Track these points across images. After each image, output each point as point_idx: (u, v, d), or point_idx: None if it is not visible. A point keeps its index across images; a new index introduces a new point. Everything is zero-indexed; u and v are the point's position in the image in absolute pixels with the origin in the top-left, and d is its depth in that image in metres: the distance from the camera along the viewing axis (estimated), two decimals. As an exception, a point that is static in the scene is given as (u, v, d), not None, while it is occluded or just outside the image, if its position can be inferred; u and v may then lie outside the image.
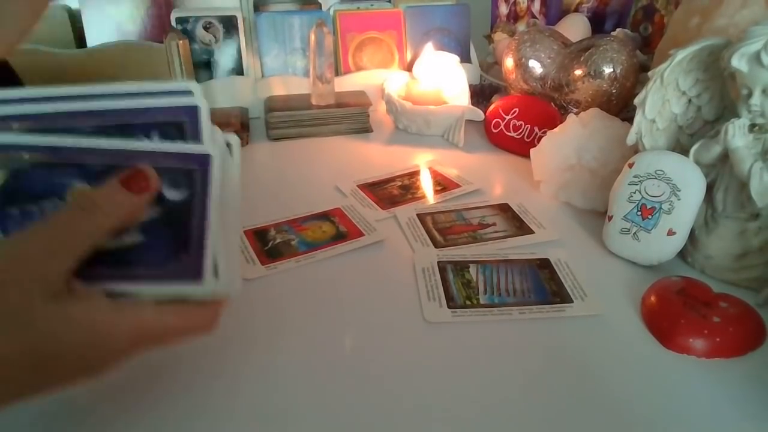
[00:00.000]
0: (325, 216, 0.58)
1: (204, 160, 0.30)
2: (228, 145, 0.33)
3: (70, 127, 0.29)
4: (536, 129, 0.72)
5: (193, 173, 0.30)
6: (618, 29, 0.89)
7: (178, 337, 0.31)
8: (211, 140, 0.31)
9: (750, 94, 0.44)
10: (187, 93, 0.31)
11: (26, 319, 0.25)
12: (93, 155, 0.29)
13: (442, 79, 0.82)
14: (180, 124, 0.30)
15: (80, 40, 0.85)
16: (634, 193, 0.50)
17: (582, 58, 0.71)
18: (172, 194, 0.30)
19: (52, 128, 0.29)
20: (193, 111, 0.30)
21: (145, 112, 0.30)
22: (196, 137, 0.30)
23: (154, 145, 0.30)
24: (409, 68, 0.89)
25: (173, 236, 0.30)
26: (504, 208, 0.60)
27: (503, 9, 1.07)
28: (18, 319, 0.25)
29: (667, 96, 0.52)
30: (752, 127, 0.46)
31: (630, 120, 0.54)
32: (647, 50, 0.86)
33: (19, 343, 0.25)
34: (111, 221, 0.28)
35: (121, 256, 0.29)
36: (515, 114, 0.75)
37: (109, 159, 0.29)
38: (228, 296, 0.32)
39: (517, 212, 0.59)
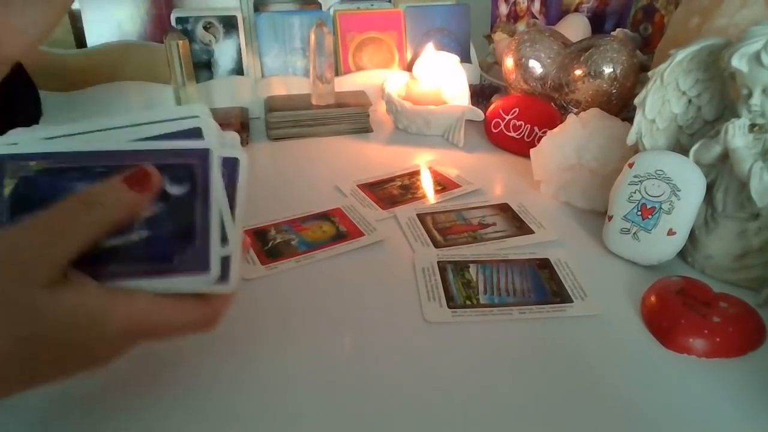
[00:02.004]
0: (325, 216, 0.58)
1: (204, 155, 0.31)
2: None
3: (84, 166, 0.30)
4: (536, 129, 0.72)
5: (194, 168, 0.31)
6: (618, 29, 0.89)
7: (175, 332, 0.31)
8: (215, 138, 0.31)
9: (750, 94, 0.44)
10: (196, 129, 0.31)
11: (19, 307, 0.26)
12: (96, 158, 0.30)
13: (442, 79, 0.82)
14: (190, 166, 0.31)
15: (80, 40, 0.85)
16: (634, 193, 0.50)
17: (582, 58, 0.71)
18: (175, 189, 0.30)
19: (67, 167, 0.30)
20: (204, 154, 0.31)
21: (156, 154, 0.31)
22: (206, 181, 0.31)
23: (154, 144, 0.31)
24: (409, 68, 0.89)
25: (178, 230, 0.30)
26: (504, 208, 0.60)
27: (503, 9, 1.07)
28: (10, 308, 0.25)
29: (667, 96, 0.52)
30: (752, 127, 0.46)
31: (630, 120, 0.54)
32: (647, 50, 0.86)
33: (10, 331, 0.25)
34: (111, 216, 0.28)
35: (128, 252, 0.30)
36: (515, 114, 0.75)
37: (112, 160, 0.30)
38: (232, 292, 0.32)
39: (517, 212, 0.59)
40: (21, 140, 0.30)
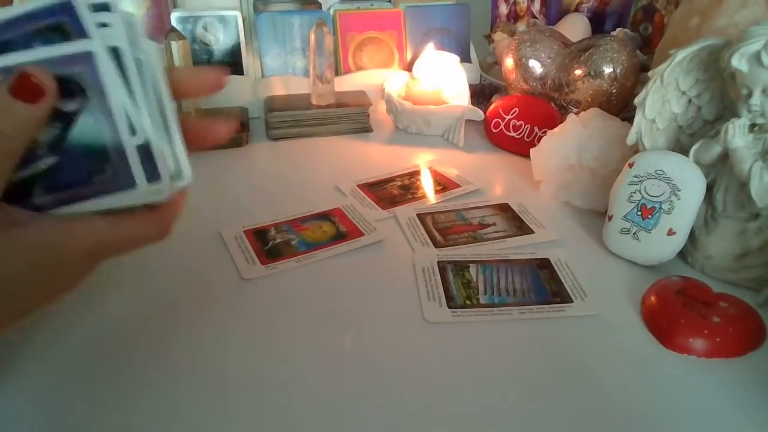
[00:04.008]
0: (325, 216, 0.58)
1: (88, 59, 0.26)
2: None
3: None
4: (536, 129, 0.72)
5: (82, 76, 0.26)
6: (618, 29, 0.89)
7: (135, 245, 0.32)
8: (99, 34, 0.27)
9: (750, 94, 0.44)
10: None
11: None
12: None
13: (442, 79, 0.82)
14: (61, 25, 0.26)
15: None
16: (634, 193, 0.50)
17: (582, 58, 0.71)
18: (68, 105, 0.27)
19: None
20: (68, 7, 0.26)
21: (17, 23, 0.26)
22: (82, 34, 0.26)
23: (21, 55, 0.26)
24: (409, 68, 0.89)
25: (88, 148, 0.27)
26: (504, 208, 0.60)
27: (503, 9, 1.07)
28: None
29: (667, 96, 0.52)
30: (752, 127, 0.46)
31: (630, 120, 0.54)
32: (647, 50, 0.87)
33: None
34: (15, 142, 0.25)
35: (41, 183, 0.27)
36: (515, 114, 0.75)
37: None
38: (177, 189, 0.31)
39: (517, 212, 0.59)
40: None
